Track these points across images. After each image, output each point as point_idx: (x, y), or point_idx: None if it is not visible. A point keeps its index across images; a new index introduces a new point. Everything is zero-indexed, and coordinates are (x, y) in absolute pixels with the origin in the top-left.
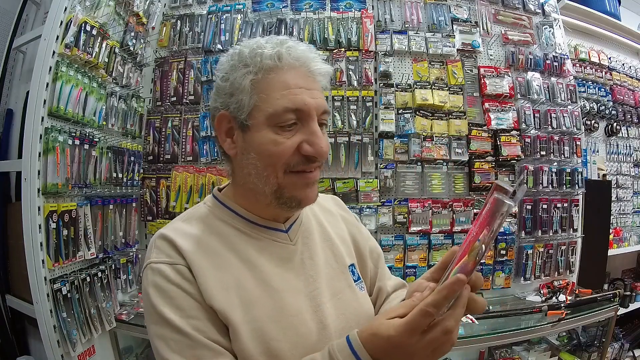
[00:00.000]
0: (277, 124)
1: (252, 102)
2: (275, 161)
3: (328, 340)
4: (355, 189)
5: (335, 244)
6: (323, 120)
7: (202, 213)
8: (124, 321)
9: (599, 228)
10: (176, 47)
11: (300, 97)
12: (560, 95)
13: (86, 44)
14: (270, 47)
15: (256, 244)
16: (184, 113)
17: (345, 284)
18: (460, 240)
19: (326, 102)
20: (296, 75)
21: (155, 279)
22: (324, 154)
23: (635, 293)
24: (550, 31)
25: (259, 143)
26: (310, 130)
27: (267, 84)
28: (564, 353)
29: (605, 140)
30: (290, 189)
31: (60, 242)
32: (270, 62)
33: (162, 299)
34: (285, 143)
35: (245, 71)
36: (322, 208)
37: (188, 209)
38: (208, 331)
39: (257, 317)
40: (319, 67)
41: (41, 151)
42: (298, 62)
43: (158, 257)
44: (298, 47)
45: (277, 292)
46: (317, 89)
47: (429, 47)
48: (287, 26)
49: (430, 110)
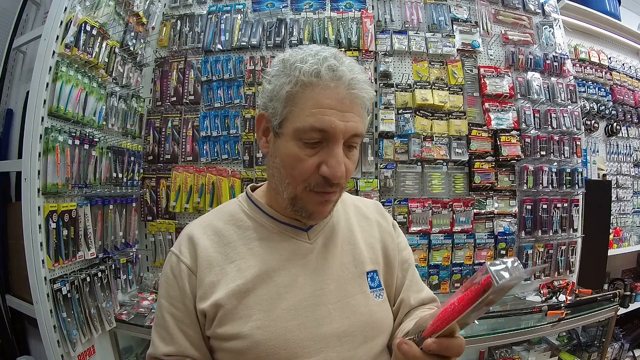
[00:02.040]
0: (301, 139)
1: (285, 112)
2: (297, 176)
3: (322, 339)
4: (355, 188)
5: (359, 249)
6: (352, 143)
7: (234, 208)
8: (124, 321)
9: (599, 228)
10: (176, 47)
11: (329, 119)
12: (560, 95)
13: (86, 44)
14: (310, 63)
15: (272, 237)
16: (184, 113)
17: (359, 290)
18: (460, 240)
19: (362, 126)
20: (331, 95)
21: (167, 263)
22: (338, 179)
23: (635, 293)
24: (550, 31)
25: (284, 153)
26: (332, 153)
27: (301, 98)
28: (564, 353)
29: (605, 140)
30: (305, 202)
31: (60, 242)
32: (306, 79)
33: (163, 282)
34: (306, 161)
35: (284, 81)
36: (359, 212)
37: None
38: (182, 321)
39: (249, 305)
40: (358, 91)
41: (41, 151)
42: (337, 82)
43: (176, 247)
44: (340, 66)
45: (276, 285)
46: (352, 112)
47: (429, 47)
48: (287, 26)
49: (430, 110)
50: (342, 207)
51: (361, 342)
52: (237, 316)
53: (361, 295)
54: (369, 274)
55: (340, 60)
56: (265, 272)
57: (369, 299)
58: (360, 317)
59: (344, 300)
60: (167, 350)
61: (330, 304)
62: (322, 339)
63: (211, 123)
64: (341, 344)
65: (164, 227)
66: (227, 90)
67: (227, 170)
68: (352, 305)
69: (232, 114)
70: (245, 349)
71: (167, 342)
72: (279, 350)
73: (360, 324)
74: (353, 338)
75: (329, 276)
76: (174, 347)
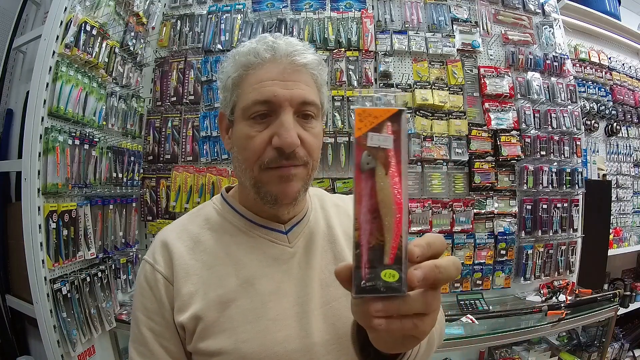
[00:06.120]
0: (249, 117)
1: (234, 98)
2: (250, 155)
3: (310, 350)
4: None
5: (339, 247)
6: (306, 112)
7: (208, 210)
8: (124, 321)
9: (599, 228)
10: (176, 47)
11: (270, 89)
12: (560, 95)
13: (86, 44)
14: (248, 45)
15: (250, 242)
16: (184, 113)
17: (342, 291)
18: (460, 240)
19: (311, 94)
20: (271, 69)
21: (140, 273)
22: (290, 146)
23: (635, 293)
24: (550, 31)
25: (237, 137)
26: (279, 122)
27: (244, 80)
28: (564, 353)
29: (605, 140)
30: (265, 184)
31: (60, 242)
32: (245, 60)
33: (137, 293)
34: (256, 137)
35: (229, 70)
36: (339, 209)
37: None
38: (161, 335)
39: (231, 316)
40: (298, 58)
41: (41, 151)
42: (275, 55)
43: (149, 255)
44: (277, 41)
45: (259, 293)
46: (298, 81)
47: (429, 47)
48: (287, 26)
49: (430, 110)
50: (320, 205)
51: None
52: (220, 329)
53: (345, 298)
54: None
55: (278, 38)
56: (246, 280)
57: None
58: (345, 321)
59: (327, 305)
60: None
61: (316, 309)
62: (310, 349)
63: (211, 123)
64: (328, 352)
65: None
66: None
67: (227, 170)
68: (335, 309)
69: None
70: None
71: (147, 358)
72: None
73: (346, 329)
74: (340, 345)
75: (311, 280)
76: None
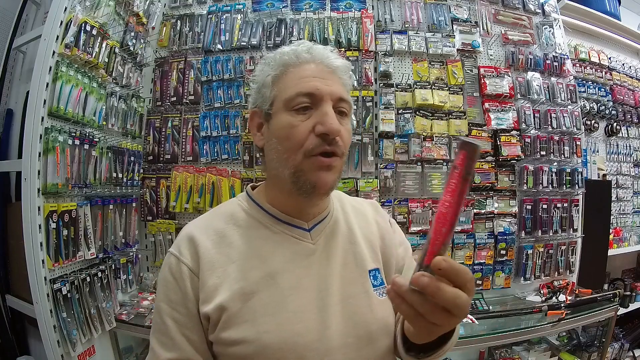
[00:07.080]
0: (292, 108)
1: (274, 93)
2: (294, 143)
3: (328, 341)
4: (355, 188)
5: (359, 248)
6: (341, 109)
7: (233, 207)
8: (124, 321)
9: (599, 228)
10: (176, 47)
11: (313, 84)
12: (560, 95)
13: (86, 44)
14: (288, 50)
15: (274, 237)
16: (184, 113)
17: (362, 289)
18: (460, 240)
19: (346, 93)
20: (310, 68)
21: (165, 266)
22: (334, 132)
23: (635, 293)
24: (550, 31)
25: (278, 127)
26: (323, 112)
27: (285, 76)
28: (564, 353)
29: (605, 140)
30: (306, 172)
31: (60, 242)
32: (287, 59)
33: (161, 285)
34: (300, 126)
35: (268, 70)
36: (357, 211)
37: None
38: (184, 326)
39: (253, 308)
40: (333, 61)
41: (41, 151)
42: (314, 58)
43: (175, 248)
44: (315, 46)
45: (280, 287)
46: (333, 80)
47: (429, 47)
48: (287, 26)
49: (430, 110)
50: (341, 207)
51: (366, 343)
52: (242, 319)
53: (363, 295)
54: (370, 272)
55: (315, 44)
56: (269, 274)
57: (372, 298)
58: (362, 317)
59: (346, 301)
60: (169, 356)
61: (335, 304)
62: (329, 342)
63: (211, 123)
64: (346, 345)
65: (164, 227)
66: (227, 90)
67: (227, 170)
68: (353, 305)
69: (232, 114)
70: (252, 354)
71: (169, 348)
72: (288, 354)
73: (363, 325)
74: (357, 339)
75: (332, 277)
76: (177, 353)
